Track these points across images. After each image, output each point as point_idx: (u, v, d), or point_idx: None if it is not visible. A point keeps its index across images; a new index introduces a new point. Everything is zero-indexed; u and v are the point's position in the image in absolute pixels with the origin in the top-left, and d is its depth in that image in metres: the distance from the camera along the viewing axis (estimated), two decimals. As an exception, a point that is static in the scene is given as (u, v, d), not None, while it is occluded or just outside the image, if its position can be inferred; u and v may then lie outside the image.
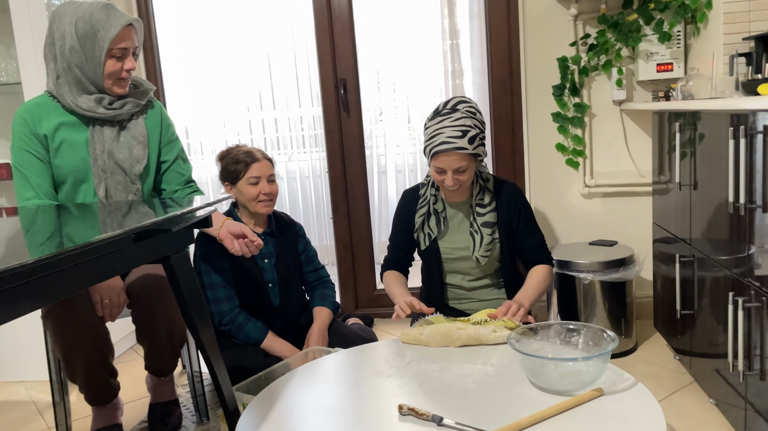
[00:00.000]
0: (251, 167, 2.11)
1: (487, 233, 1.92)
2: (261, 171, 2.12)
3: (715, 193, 1.69)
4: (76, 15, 1.76)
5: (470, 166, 1.81)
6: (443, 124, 1.79)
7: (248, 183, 2.10)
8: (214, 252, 2.11)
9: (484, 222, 1.92)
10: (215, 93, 4.08)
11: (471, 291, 2.01)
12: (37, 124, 1.80)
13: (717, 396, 1.77)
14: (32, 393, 2.44)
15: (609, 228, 2.67)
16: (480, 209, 1.93)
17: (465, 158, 1.78)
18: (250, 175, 2.10)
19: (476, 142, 1.79)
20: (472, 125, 1.79)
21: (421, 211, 1.97)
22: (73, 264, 1.04)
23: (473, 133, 1.77)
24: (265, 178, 2.12)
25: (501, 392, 1.45)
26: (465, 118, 1.79)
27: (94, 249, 1.04)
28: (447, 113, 1.81)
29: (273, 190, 2.13)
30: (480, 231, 1.92)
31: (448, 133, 1.77)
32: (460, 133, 1.76)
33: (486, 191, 1.94)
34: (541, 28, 2.56)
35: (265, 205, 2.12)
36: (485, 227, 1.92)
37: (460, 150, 1.76)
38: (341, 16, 2.79)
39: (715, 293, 1.74)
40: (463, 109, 1.81)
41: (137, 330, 1.90)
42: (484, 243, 1.92)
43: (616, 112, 2.58)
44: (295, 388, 1.54)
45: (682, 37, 2.40)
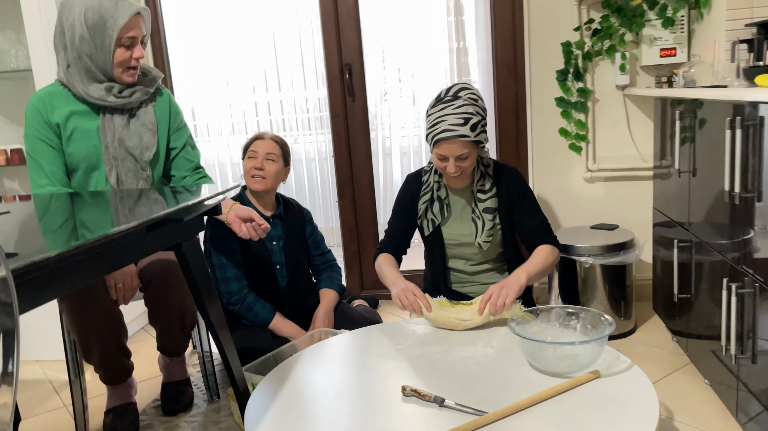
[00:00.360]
0: (254, 143, 2.20)
1: (488, 219, 1.94)
2: (260, 147, 2.18)
3: (713, 180, 1.72)
4: (85, 5, 1.79)
5: (472, 152, 1.83)
6: (445, 112, 1.80)
7: (248, 157, 2.19)
8: (224, 233, 2.16)
9: (485, 208, 1.95)
10: (221, 74, 4.11)
11: (474, 275, 2.06)
12: (50, 113, 1.84)
13: (711, 377, 1.83)
14: (48, 372, 2.52)
15: (611, 212, 2.70)
16: (481, 195, 1.95)
17: (467, 145, 1.80)
18: (251, 149, 2.19)
19: (478, 129, 1.80)
20: (474, 112, 1.80)
21: (424, 198, 2.00)
22: (91, 254, 1.09)
23: (475, 120, 1.79)
24: (262, 154, 2.17)
25: (501, 374, 1.50)
26: (467, 105, 1.80)
27: (110, 241, 1.09)
28: (449, 100, 1.82)
29: (268, 168, 2.17)
30: (482, 216, 1.95)
31: (450, 121, 1.78)
32: (462, 120, 1.78)
33: (487, 177, 1.96)
34: (545, 13, 2.57)
35: (257, 182, 2.16)
36: (486, 213, 1.95)
37: (463, 137, 1.78)
38: (347, 2, 2.80)
39: (711, 278, 1.79)
40: (465, 96, 1.83)
41: (150, 312, 1.96)
42: (485, 229, 1.95)
43: (619, 97, 2.60)
44: (303, 369, 1.60)
45: (686, 23, 2.41)
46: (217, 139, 4.28)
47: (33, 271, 0.90)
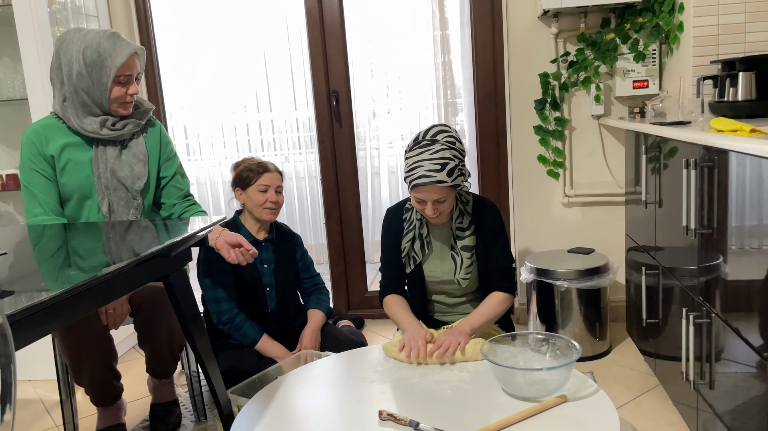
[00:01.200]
0: (263, 176, 2.26)
1: (466, 257, 1.97)
2: (271, 180, 2.26)
3: (675, 213, 1.82)
4: (84, 43, 1.87)
5: (449, 195, 1.85)
6: (422, 156, 1.80)
7: (258, 190, 2.25)
8: (217, 255, 2.24)
9: (463, 246, 1.97)
10: (213, 94, 4.20)
11: (454, 307, 2.11)
12: (44, 145, 1.92)
13: (677, 398, 1.91)
14: (40, 391, 2.58)
15: (587, 236, 2.80)
16: (460, 233, 1.98)
17: (444, 190, 1.81)
18: (261, 183, 2.25)
19: (455, 173, 1.81)
20: (452, 156, 1.80)
21: (408, 236, 2.02)
22: (82, 292, 1.17)
23: (452, 165, 1.79)
24: (273, 187, 2.26)
25: (474, 398, 1.58)
26: (444, 149, 1.80)
27: (101, 279, 1.16)
28: (426, 144, 1.82)
29: (279, 200, 2.28)
30: (460, 254, 1.97)
31: (427, 167, 1.78)
32: (439, 166, 1.78)
33: (465, 215, 1.98)
34: (523, 45, 2.68)
35: (270, 213, 2.26)
36: (465, 251, 1.97)
37: (439, 183, 1.78)
38: (333, 31, 2.90)
39: (675, 306, 1.88)
40: (442, 140, 1.82)
41: (139, 336, 2.03)
42: (464, 266, 1.97)
43: (594, 126, 2.70)
44: (286, 392, 1.67)
45: (657, 55, 2.52)
46: (209, 158, 4.37)
47: (26, 311, 0.98)
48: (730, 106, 1.96)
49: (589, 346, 2.49)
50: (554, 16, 2.60)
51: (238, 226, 2.30)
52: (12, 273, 1.24)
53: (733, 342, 1.45)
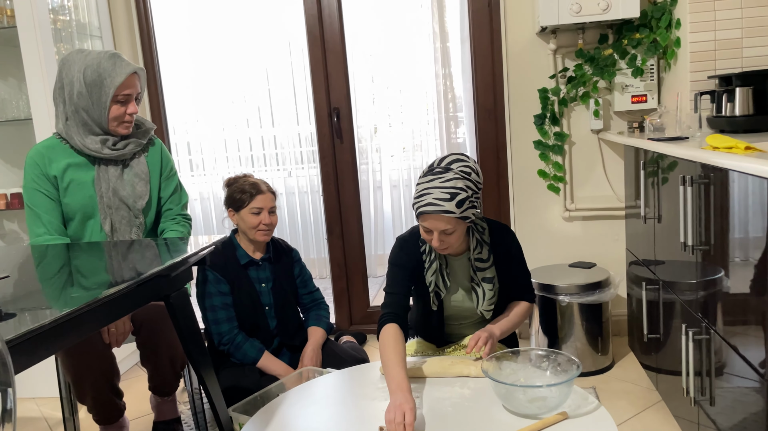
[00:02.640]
0: (255, 198, 2.25)
1: (488, 288, 1.88)
2: (264, 203, 2.26)
3: (674, 228, 1.83)
4: (85, 63, 1.91)
5: (458, 228, 1.73)
6: (433, 184, 1.70)
7: (251, 212, 2.25)
8: (216, 276, 2.25)
9: (484, 277, 1.87)
10: (216, 109, 4.24)
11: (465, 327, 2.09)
12: (48, 166, 1.94)
13: (679, 414, 1.91)
14: (43, 409, 2.59)
15: (588, 250, 2.80)
16: (479, 264, 1.87)
17: (451, 221, 1.70)
18: (254, 206, 2.25)
19: (465, 205, 1.69)
20: (464, 187, 1.69)
21: (432, 269, 1.87)
22: (84, 314, 1.18)
23: (463, 196, 1.68)
24: (267, 209, 2.26)
25: (475, 415, 1.58)
26: (457, 179, 1.69)
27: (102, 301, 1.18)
28: (439, 172, 1.72)
29: (273, 221, 2.28)
30: (482, 285, 1.88)
31: (436, 194, 1.68)
32: (449, 195, 1.67)
33: (483, 245, 1.87)
34: (522, 61, 2.70)
35: (264, 234, 2.27)
36: (486, 282, 1.87)
37: (447, 213, 1.67)
38: (334, 49, 2.93)
39: (675, 322, 1.88)
40: (456, 169, 1.72)
41: (141, 354, 2.04)
42: (486, 298, 1.89)
43: (594, 140, 2.72)
44: (287, 410, 1.67)
45: (655, 71, 2.53)
46: (212, 173, 4.40)
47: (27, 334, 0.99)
48: (727, 121, 1.97)
49: (591, 361, 2.49)
50: (552, 32, 2.62)
51: (234, 246, 2.32)
52: (15, 293, 1.25)
53: (733, 358, 1.45)
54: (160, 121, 3.17)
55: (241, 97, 4.22)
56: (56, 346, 1.15)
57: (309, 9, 2.91)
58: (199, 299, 2.28)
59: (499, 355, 1.74)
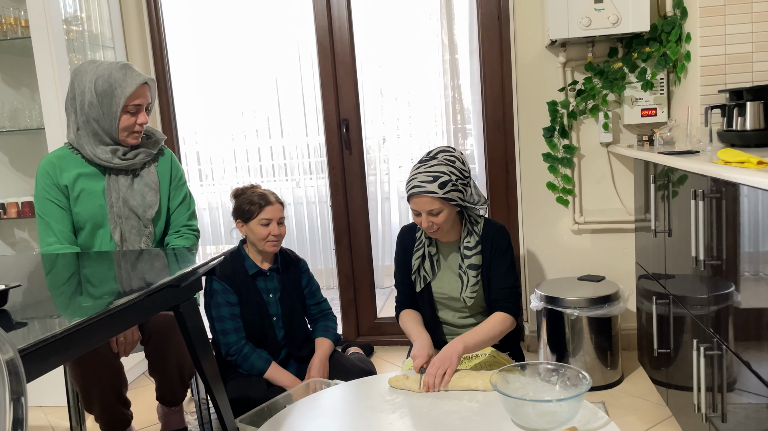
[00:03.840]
0: (264, 209, 2.25)
1: (472, 275, 2.02)
2: (273, 214, 2.27)
3: (685, 243, 1.81)
4: (96, 74, 1.93)
5: (444, 209, 1.91)
6: (419, 170, 1.93)
7: (260, 224, 2.25)
8: (223, 287, 2.26)
9: (470, 264, 2.02)
10: (226, 120, 4.26)
11: (462, 328, 2.13)
12: (59, 176, 1.96)
13: (690, 430, 1.89)
14: (51, 418, 2.59)
15: (597, 263, 2.79)
16: (467, 251, 2.03)
17: (436, 201, 1.89)
18: (263, 217, 2.25)
19: (448, 187, 1.89)
20: (446, 171, 1.90)
21: (417, 254, 2.09)
22: (94, 324, 1.19)
23: (445, 179, 1.89)
24: (275, 220, 2.27)
25: (483, 429, 1.57)
26: (440, 165, 1.92)
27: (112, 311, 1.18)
28: (425, 161, 1.95)
29: (282, 232, 2.28)
30: (467, 273, 2.02)
31: (420, 178, 1.91)
32: (432, 178, 1.89)
33: (473, 234, 2.04)
34: (532, 74, 2.70)
35: (273, 245, 2.27)
36: (471, 269, 2.02)
37: (429, 193, 1.88)
38: (344, 60, 2.95)
39: (686, 337, 1.86)
40: (441, 158, 1.94)
41: (149, 364, 2.04)
42: (469, 284, 2.02)
43: (603, 153, 2.71)
44: (295, 422, 1.67)
45: (665, 84, 2.53)
46: (221, 183, 4.42)
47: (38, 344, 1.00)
48: (738, 136, 1.96)
49: (600, 375, 2.47)
50: (562, 45, 2.62)
51: (242, 256, 2.32)
52: (26, 301, 1.26)
53: (745, 374, 1.43)
54: (171, 132, 3.19)
55: (250, 107, 4.25)
56: (67, 356, 1.15)
57: (319, 21, 2.93)
58: (206, 309, 2.28)
59: (507, 368, 1.73)
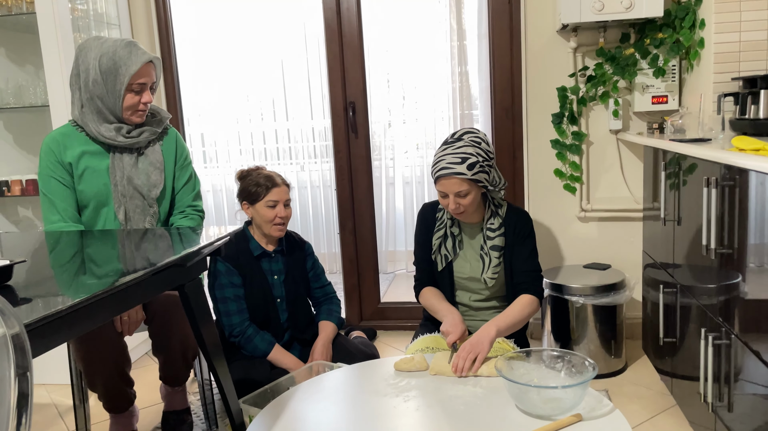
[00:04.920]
0: (271, 191, 2.23)
1: (495, 256, 2.02)
2: (279, 195, 2.25)
3: (695, 232, 1.79)
4: (101, 51, 1.90)
5: (472, 191, 1.93)
6: (446, 152, 1.93)
7: (266, 206, 2.23)
8: (228, 268, 2.24)
9: (493, 245, 2.03)
10: (231, 102, 4.23)
11: (478, 311, 2.12)
12: (63, 153, 1.94)
13: (694, 419, 1.88)
14: (54, 396, 2.60)
15: (604, 251, 2.77)
16: (490, 233, 2.04)
17: (464, 183, 1.90)
18: (269, 199, 2.23)
19: (476, 168, 1.90)
20: (474, 153, 1.91)
21: (438, 233, 2.09)
22: (99, 302, 1.18)
23: (473, 160, 1.90)
24: (282, 202, 2.25)
25: (488, 414, 1.56)
26: (467, 146, 1.92)
27: (117, 289, 1.17)
28: (452, 142, 1.95)
29: (288, 214, 2.27)
30: (489, 254, 2.03)
31: (448, 159, 1.91)
32: (460, 159, 1.90)
33: (496, 216, 2.05)
34: (541, 59, 2.67)
35: (279, 229, 2.25)
36: (494, 250, 2.03)
37: (459, 175, 1.89)
38: (351, 43, 2.91)
39: (693, 326, 1.85)
40: (467, 139, 1.95)
41: (153, 344, 2.04)
42: (491, 266, 2.02)
43: (612, 141, 2.68)
44: (298, 404, 1.66)
45: (677, 71, 2.49)
46: (226, 165, 4.40)
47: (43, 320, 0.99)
48: (751, 124, 1.93)
49: (603, 364, 2.46)
50: (573, 30, 2.59)
51: (247, 238, 2.30)
52: (29, 279, 1.25)
53: (753, 364, 1.42)
54: (176, 112, 3.17)
55: (255, 90, 4.21)
56: (71, 333, 1.14)
57: (327, 3, 2.89)
58: (210, 290, 2.27)
59: (512, 355, 1.72)
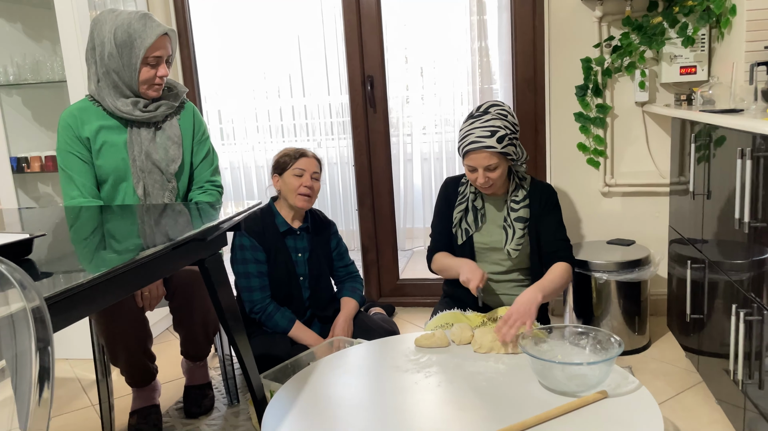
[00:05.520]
0: (299, 160, 2.24)
1: (519, 228, 2.02)
2: (307, 165, 2.24)
3: (726, 205, 1.74)
4: (116, 24, 1.87)
5: (500, 164, 1.93)
6: (474, 125, 1.92)
7: (293, 174, 2.23)
8: (252, 243, 2.24)
9: (517, 217, 2.03)
10: (248, 78, 4.20)
11: (498, 284, 2.10)
12: (80, 128, 1.93)
13: (722, 396, 1.85)
14: (77, 370, 2.63)
15: (627, 227, 2.72)
16: (514, 204, 2.04)
17: (494, 156, 1.90)
18: (297, 167, 2.23)
19: (505, 141, 1.90)
20: (502, 126, 1.91)
21: (459, 207, 2.09)
22: (120, 276, 1.16)
23: (502, 133, 1.90)
24: (309, 172, 2.23)
25: (510, 391, 1.55)
26: (495, 119, 1.92)
27: (138, 263, 1.16)
28: (478, 116, 1.95)
29: (314, 186, 2.25)
30: (513, 225, 2.03)
31: (477, 133, 1.90)
32: (489, 132, 1.89)
33: (521, 188, 2.05)
34: (565, 29, 2.59)
35: (304, 199, 2.23)
36: (518, 222, 2.03)
37: (488, 148, 1.89)
38: (369, 15, 2.85)
39: (722, 301, 1.80)
40: (494, 112, 1.94)
41: (174, 319, 2.04)
42: (515, 237, 2.02)
43: (638, 113, 2.61)
44: (319, 379, 1.66)
45: (707, 40, 2.41)
46: (243, 142, 4.38)
47: (64, 294, 0.98)
48: (786, 93, 1.86)
49: (627, 340, 2.43)
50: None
51: (273, 213, 2.29)
52: (50, 254, 1.24)
53: (787, 341, 1.38)
54: (193, 87, 3.14)
55: (272, 66, 4.17)
56: (92, 307, 1.13)
57: (345, -27, 2.83)
58: (232, 264, 2.27)
59: (535, 332, 1.70)
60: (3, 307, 0.79)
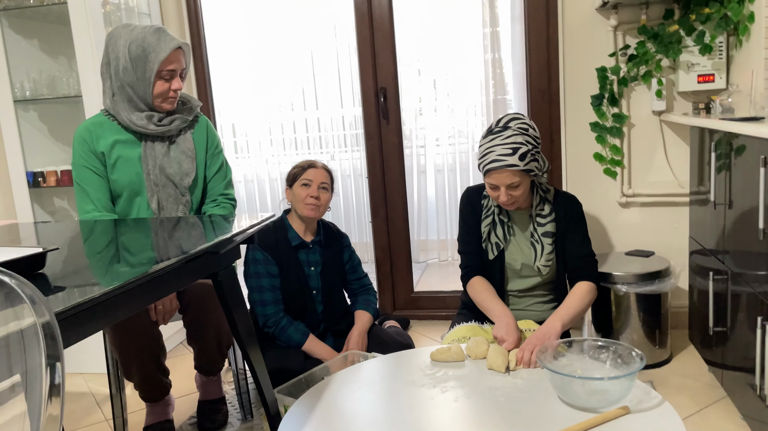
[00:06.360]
0: (307, 171, 2.24)
1: (547, 243, 1.96)
2: (314, 175, 2.23)
3: (749, 215, 1.70)
4: (130, 38, 1.88)
5: (523, 181, 1.85)
6: (494, 142, 1.83)
7: (301, 184, 2.23)
8: (265, 257, 2.23)
9: (544, 232, 1.96)
10: (261, 92, 4.22)
11: (521, 299, 2.06)
12: (95, 142, 1.93)
13: (747, 412, 1.79)
14: (91, 385, 2.62)
15: (646, 238, 2.67)
16: (540, 219, 1.97)
17: (516, 174, 1.82)
18: (305, 177, 2.23)
19: (527, 158, 1.82)
20: (524, 141, 1.82)
21: (486, 221, 2.02)
22: (133, 290, 1.15)
23: (524, 150, 1.81)
24: (317, 182, 2.23)
25: (529, 407, 1.51)
26: (516, 134, 1.83)
27: (151, 276, 1.14)
28: (498, 131, 1.85)
29: (322, 196, 2.23)
30: (541, 241, 1.96)
31: (498, 151, 1.82)
32: (511, 150, 1.81)
33: (546, 202, 1.98)
34: (580, 38, 2.57)
35: (311, 209, 2.22)
36: (545, 237, 1.96)
37: (511, 167, 1.80)
38: (382, 27, 2.85)
39: (746, 313, 1.76)
40: (514, 126, 1.85)
41: (188, 334, 2.03)
42: (545, 253, 1.96)
43: (655, 122, 2.58)
44: (334, 394, 1.63)
45: (725, 48, 2.38)
46: (257, 155, 4.39)
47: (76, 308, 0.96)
48: (808, 101, 1.82)
49: (648, 354, 2.38)
50: (613, 7, 2.48)
51: (285, 227, 2.28)
52: (64, 267, 1.23)
53: (817, 355, 1.33)
54: (206, 101, 3.16)
55: (285, 79, 4.19)
56: (105, 321, 1.12)
57: (357, -14, 2.84)
58: (246, 278, 2.26)
59: (558, 343, 1.66)
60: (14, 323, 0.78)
